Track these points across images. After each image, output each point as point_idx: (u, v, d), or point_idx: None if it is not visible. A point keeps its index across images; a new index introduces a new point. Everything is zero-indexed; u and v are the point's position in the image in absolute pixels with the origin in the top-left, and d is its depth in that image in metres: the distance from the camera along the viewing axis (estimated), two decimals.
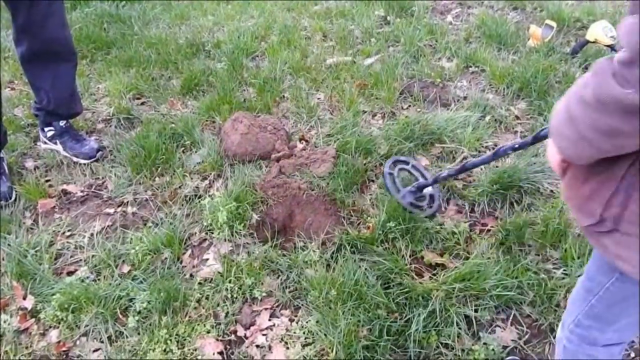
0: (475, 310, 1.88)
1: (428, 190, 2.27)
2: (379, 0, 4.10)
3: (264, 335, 1.86)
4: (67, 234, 2.25)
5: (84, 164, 2.60)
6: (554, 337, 1.71)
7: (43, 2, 2.23)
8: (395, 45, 3.58)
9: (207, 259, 2.12)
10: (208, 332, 1.85)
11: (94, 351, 1.83)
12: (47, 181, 2.53)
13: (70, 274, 2.08)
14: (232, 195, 2.29)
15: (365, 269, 1.99)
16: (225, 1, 4.36)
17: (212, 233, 2.21)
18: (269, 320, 1.91)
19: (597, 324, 1.16)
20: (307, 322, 1.88)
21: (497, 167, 2.49)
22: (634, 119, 0.75)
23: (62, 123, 2.62)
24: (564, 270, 2.01)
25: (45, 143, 2.68)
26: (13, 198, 2.38)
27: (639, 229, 0.89)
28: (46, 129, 2.64)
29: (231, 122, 2.71)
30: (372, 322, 1.82)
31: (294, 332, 1.85)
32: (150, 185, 2.47)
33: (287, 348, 1.81)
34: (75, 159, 2.61)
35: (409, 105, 3.00)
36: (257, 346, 1.83)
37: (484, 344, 1.80)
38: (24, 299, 1.97)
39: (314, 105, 2.98)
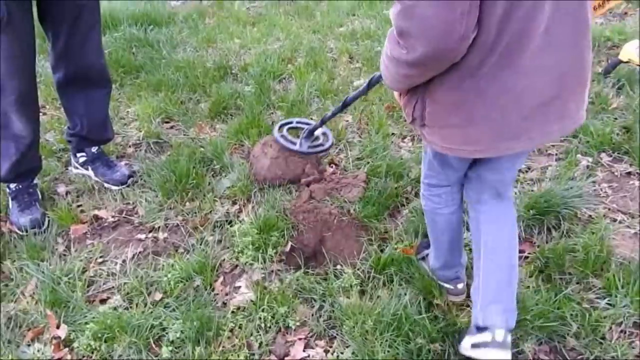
0: (517, 341, 1.82)
1: (319, 131, 2.62)
2: None
3: None
4: (99, 260, 2.25)
5: (115, 189, 2.61)
6: None
7: (81, 29, 2.27)
8: None
9: (239, 287, 2.09)
10: None
11: None
12: (78, 206, 2.54)
13: (102, 301, 2.07)
14: (260, 221, 2.27)
15: (403, 295, 1.94)
16: (251, 24, 4.40)
17: (243, 260, 2.18)
18: (304, 351, 1.86)
19: (432, 172, 1.72)
20: (342, 354, 1.83)
21: (532, 191, 2.44)
22: (414, 68, 1.24)
23: (94, 149, 2.65)
24: (608, 300, 1.94)
25: (77, 168, 2.70)
26: (46, 225, 2.39)
27: (435, 123, 1.40)
28: (78, 155, 2.66)
29: (260, 146, 2.70)
30: (412, 353, 1.77)
31: None
32: (180, 211, 2.46)
33: None
34: (106, 185, 2.62)
35: None
36: None
37: None
38: (58, 327, 1.96)
39: (342, 128, 2.96)
